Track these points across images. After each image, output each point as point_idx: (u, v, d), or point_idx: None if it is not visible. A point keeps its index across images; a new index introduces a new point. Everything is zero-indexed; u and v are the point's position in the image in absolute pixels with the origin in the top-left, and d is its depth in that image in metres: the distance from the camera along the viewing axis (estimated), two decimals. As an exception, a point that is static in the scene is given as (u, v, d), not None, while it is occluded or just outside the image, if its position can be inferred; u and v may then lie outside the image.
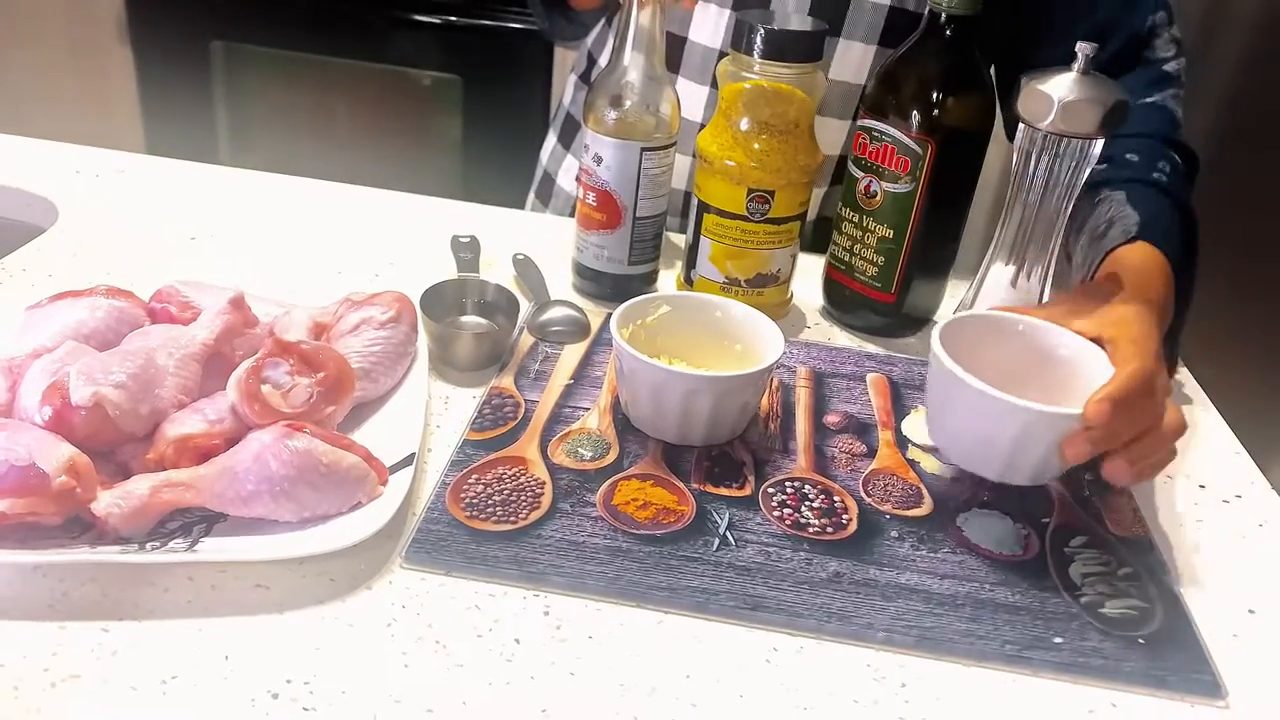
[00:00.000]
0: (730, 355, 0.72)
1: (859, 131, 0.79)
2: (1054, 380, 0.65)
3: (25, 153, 1.01)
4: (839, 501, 0.64)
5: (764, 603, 0.55)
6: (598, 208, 0.81)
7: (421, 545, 0.57)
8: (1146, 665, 0.54)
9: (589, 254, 0.84)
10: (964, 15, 0.74)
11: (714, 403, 0.65)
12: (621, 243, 0.82)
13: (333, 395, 0.62)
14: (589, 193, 0.82)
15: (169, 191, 0.97)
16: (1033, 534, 0.63)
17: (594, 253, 0.83)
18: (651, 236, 0.83)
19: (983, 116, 0.77)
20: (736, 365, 0.70)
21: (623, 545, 0.58)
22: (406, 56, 1.95)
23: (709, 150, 0.79)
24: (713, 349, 0.72)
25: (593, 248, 0.83)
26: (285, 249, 0.89)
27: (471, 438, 0.66)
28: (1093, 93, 0.66)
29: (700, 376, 0.65)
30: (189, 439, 0.57)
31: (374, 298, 0.70)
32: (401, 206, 0.99)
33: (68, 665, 0.48)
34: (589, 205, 0.82)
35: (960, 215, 0.81)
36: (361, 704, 0.48)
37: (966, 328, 0.66)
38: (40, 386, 0.56)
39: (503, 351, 0.75)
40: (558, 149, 1.12)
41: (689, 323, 0.72)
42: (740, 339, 0.72)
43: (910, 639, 0.54)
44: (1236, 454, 0.75)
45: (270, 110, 2.06)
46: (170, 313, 0.67)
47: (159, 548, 0.53)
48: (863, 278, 0.82)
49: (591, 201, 0.82)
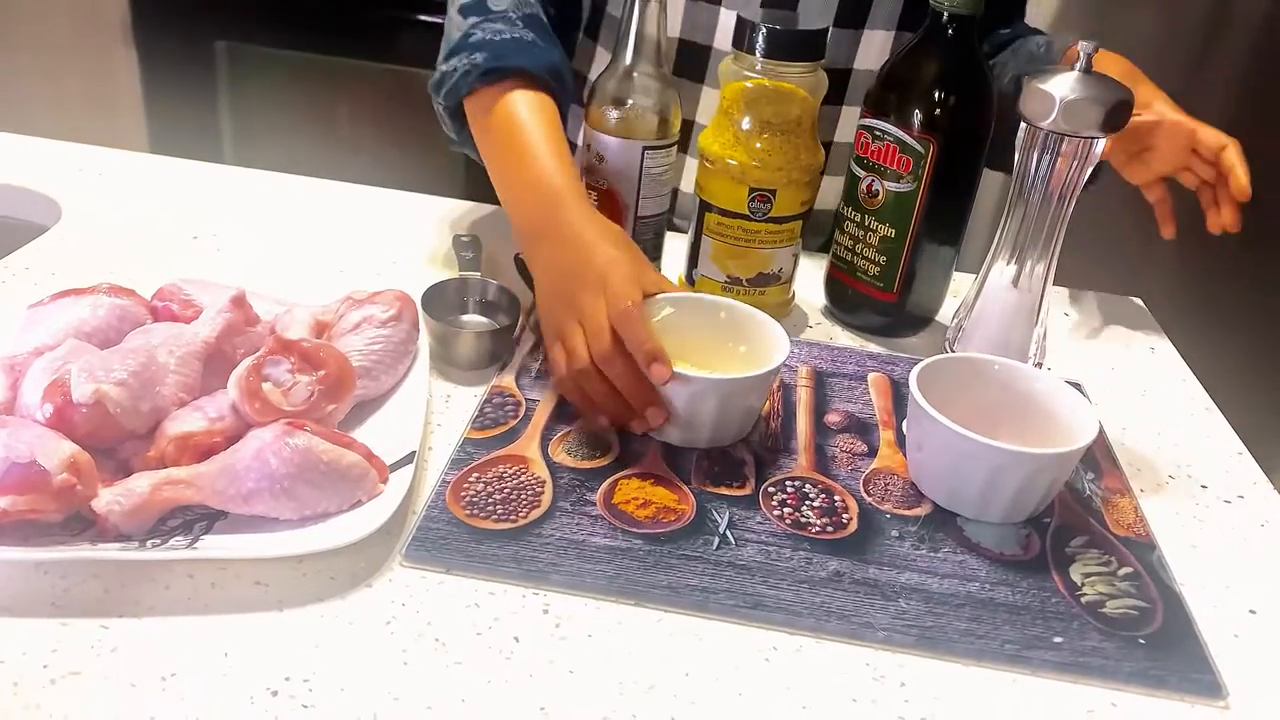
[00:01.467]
0: (735, 356, 0.71)
1: (861, 130, 0.79)
2: (1031, 421, 0.66)
3: (29, 152, 1.01)
4: (839, 501, 0.64)
5: (764, 601, 0.55)
6: (599, 206, 0.81)
7: (421, 543, 0.57)
8: (1147, 665, 0.54)
9: (590, 253, 0.84)
10: (966, 15, 0.74)
11: (720, 404, 0.65)
12: (623, 242, 0.82)
13: (333, 393, 0.62)
14: (591, 192, 0.82)
15: (171, 190, 0.97)
16: (1033, 534, 0.63)
17: (595, 252, 0.83)
18: (653, 235, 0.83)
19: (985, 115, 0.77)
20: (741, 366, 0.70)
21: (623, 544, 0.58)
22: (410, 56, 1.94)
23: (711, 149, 0.79)
24: (716, 350, 0.72)
25: (594, 247, 0.83)
26: (287, 247, 0.89)
27: (472, 436, 0.66)
28: (1094, 92, 0.66)
29: (706, 379, 0.64)
30: (190, 437, 0.57)
31: (375, 296, 0.70)
32: (403, 205, 0.99)
33: (68, 662, 0.48)
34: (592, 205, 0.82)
35: (962, 214, 0.81)
36: (361, 701, 0.48)
37: (945, 369, 0.67)
38: (42, 384, 0.56)
39: (504, 350, 0.75)
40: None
41: (692, 324, 0.71)
42: (745, 340, 0.71)
43: (910, 638, 0.54)
44: (1239, 454, 0.74)
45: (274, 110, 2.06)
46: (172, 311, 0.67)
47: (159, 545, 0.53)
48: (864, 277, 0.82)
49: (593, 200, 0.82)
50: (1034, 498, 0.63)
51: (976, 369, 0.68)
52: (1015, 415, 0.67)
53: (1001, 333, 0.74)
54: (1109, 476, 0.69)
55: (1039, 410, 0.67)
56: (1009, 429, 0.64)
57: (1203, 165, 0.80)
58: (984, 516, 0.63)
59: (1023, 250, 0.72)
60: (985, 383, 0.68)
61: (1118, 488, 0.68)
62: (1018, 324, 0.73)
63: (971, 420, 0.61)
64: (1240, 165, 0.77)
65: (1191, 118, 0.80)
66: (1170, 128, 0.79)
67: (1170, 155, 0.80)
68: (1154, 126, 0.79)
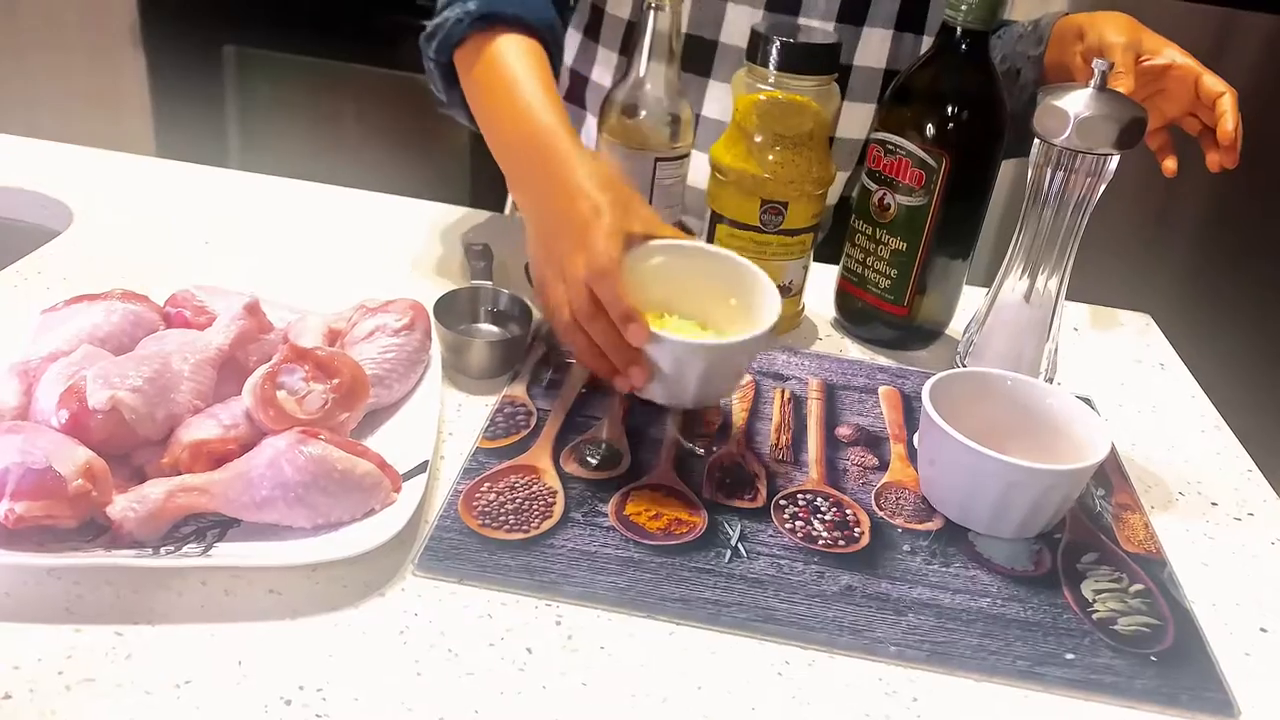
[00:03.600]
0: (725, 308, 0.69)
1: (873, 144, 0.80)
2: (1043, 437, 0.66)
3: (40, 155, 1.02)
4: (851, 514, 0.64)
5: (776, 615, 0.55)
6: (611, 217, 0.81)
7: (434, 553, 0.57)
8: (1158, 683, 0.54)
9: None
10: (979, 29, 0.74)
11: (707, 368, 0.63)
12: (634, 252, 0.82)
13: (347, 402, 0.62)
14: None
15: (183, 195, 0.97)
16: (1045, 550, 0.63)
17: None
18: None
19: (998, 130, 0.77)
20: (731, 318, 0.68)
21: (634, 556, 0.58)
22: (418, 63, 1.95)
23: (723, 161, 0.79)
24: (708, 300, 0.70)
25: (605, 257, 0.83)
26: (299, 254, 0.89)
27: (484, 446, 0.66)
28: (1108, 109, 0.66)
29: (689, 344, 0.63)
30: (204, 444, 0.57)
31: (388, 305, 0.70)
32: (414, 213, 0.99)
33: (82, 668, 0.48)
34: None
35: (974, 228, 0.81)
36: (374, 711, 0.48)
37: (956, 383, 0.67)
38: (57, 390, 0.56)
39: (516, 360, 0.75)
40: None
41: (683, 273, 0.69)
42: (736, 293, 0.69)
43: (922, 653, 0.54)
44: (1249, 472, 0.74)
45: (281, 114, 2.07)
46: (185, 317, 0.68)
47: (173, 552, 0.53)
48: (875, 290, 0.82)
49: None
50: (1046, 514, 0.63)
51: (988, 384, 0.68)
52: (1027, 430, 0.67)
53: (1013, 347, 0.74)
54: (1120, 492, 0.69)
55: (1050, 426, 0.67)
56: (1020, 444, 0.64)
57: (1205, 111, 0.81)
58: (996, 532, 0.63)
59: (1035, 265, 0.72)
60: (997, 398, 0.68)
61: (1128, 504, 0.68)
62: (1029, 339, 0.74)
63: (982, 435, 0.61)
64: (1231, 111, 0.79)
65: (1200, 63, 0.81)
66: (1180, 70, 0.81)
67: (1177, 98, 0.82)
68: (1165, 69, 0.81)
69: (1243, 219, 1.71)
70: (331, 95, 2.03)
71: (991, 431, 0.63)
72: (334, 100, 2.03)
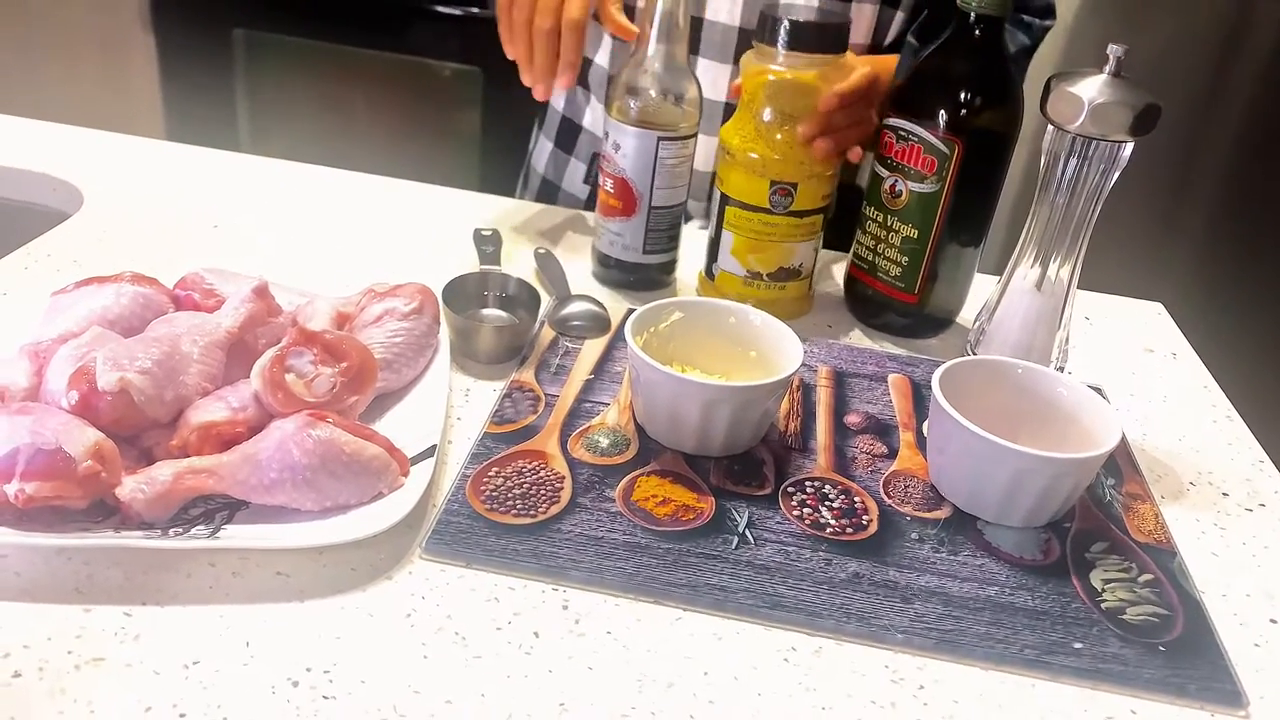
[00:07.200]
0: (745, 362, 0.71)
1: (885, 130, 0.79)
2: (1053, 425, 0.66)
3: (51, 138, 1.02)
4: (859, 502, 0.64)
5: (783, 602, 0.55)
6: (615, 195, 0.82)
7: (441, 537, 0.57)
8: (1167, 673, 0.54)
9: (606, 241, 0.84)
10: (994, 15, 0.73)
11: (734, 412, 0.64)
12: (637, 231, 0.82)
13: (356, 385, 0.62)
14: (608, 179, 0.82)
15: (193, 178, 0.97)
16: (1053, 539, 0.63)
17: (611, 239, 0.84)
18: (668, 226, 0.83)
19: (1011, 117, 0.77)
20: (752, 372, 0.69)
21: (642, 541, 0.58)
22: (427, 48, 1.95)
23: (731, 142, 0.79)
24: (727, 355, 0.71)
25: (610, 235, 0.84)
26: (307, 238, 0.89)
27: (492, 431, 0.66)
28: (1123, 95, 0.65)
29: (720, 386, 0.63)
30: (212, 426, 0.58)
31: (397, 289, 0.70)
32: (424, 198, 0.99)
33: (92, 648, 0.48)
34: (608, 192, 0.82)
35: (986, 216, 0.81)
36: (381, 694, 0.48)
37: (967, 372, 0.67)
38: (67, 371, 0.57)
39: (523, 345, 0.75)
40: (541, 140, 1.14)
41: (702, 329, 0.70)
42: (756, 346, 0.70)
43: (929, 641, 0.54)
44: (1260, 462, 0.74)
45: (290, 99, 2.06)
46: (194, 300, 0.68)
47: (182, 534, 0.53)
48: (886, 278, 0.82)
49: (610, 189, 0.82)
50: (1055, 502, 0.62)
51: (999, 372, 0.68)
52: (1037, 419, 0.66)
53: (1024, 336, 0.74)
54: (1130, 482, 0.69)
55: (1061, 414, 0.66)
56: (1030, 432, 0.64)
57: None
58: (1005, 520, 0.63)
59: (1047, 253, 0.72)
60: (1007, 386, 0.68)
61: (1138, 493, 0.68)
62: (1041, 327, 0.73)
63: (993, 423, 0.61)
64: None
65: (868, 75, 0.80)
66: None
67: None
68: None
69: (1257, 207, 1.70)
70: (341, 79, 2.02)
71: (1002, 420, 0.63)
72: (343, 84, 2.03)
